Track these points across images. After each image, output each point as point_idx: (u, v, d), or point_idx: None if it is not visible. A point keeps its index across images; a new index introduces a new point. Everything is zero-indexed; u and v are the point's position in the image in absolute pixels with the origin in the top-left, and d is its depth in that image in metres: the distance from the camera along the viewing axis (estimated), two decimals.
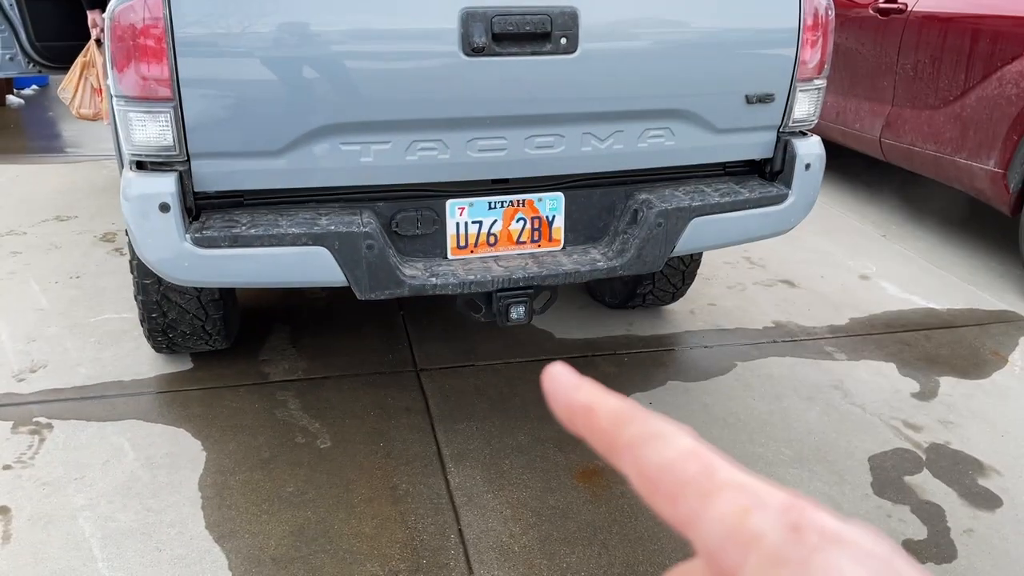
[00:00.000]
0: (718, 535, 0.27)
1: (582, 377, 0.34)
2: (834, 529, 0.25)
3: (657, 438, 0.30)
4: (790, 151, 2.46)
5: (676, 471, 0.28)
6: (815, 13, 2.34)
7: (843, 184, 5.61)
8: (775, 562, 0.25)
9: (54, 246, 4.24)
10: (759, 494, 0.27)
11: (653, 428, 0.30)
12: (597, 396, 0.33)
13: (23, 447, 2.63)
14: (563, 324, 3.54)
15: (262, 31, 1.96)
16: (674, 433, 0.30)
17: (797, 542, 0.25)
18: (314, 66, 2.01)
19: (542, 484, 2.54)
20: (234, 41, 1.95)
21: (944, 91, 4.32)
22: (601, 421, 0.32)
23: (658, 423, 0.30)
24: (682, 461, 0.28)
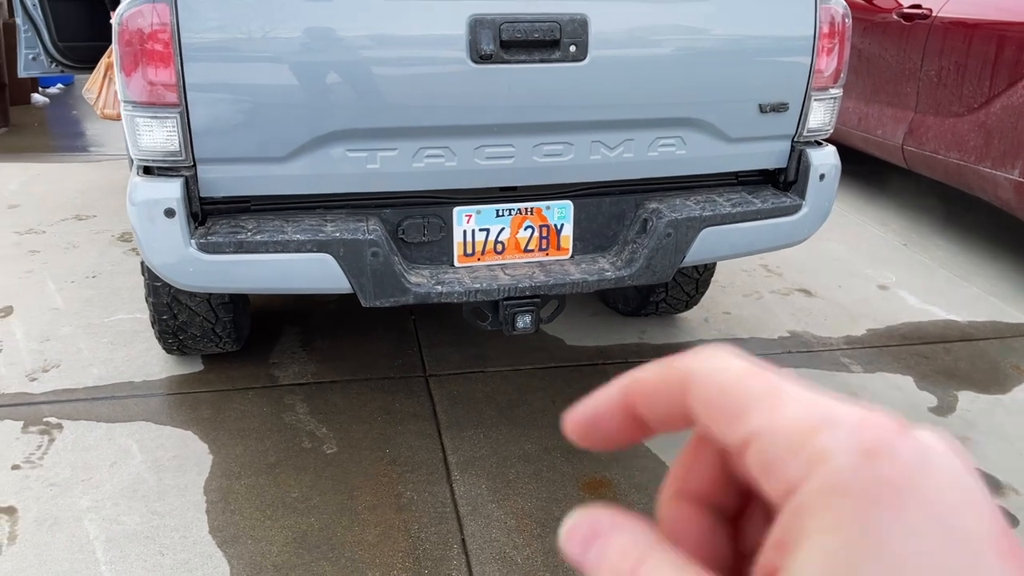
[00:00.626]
0: (781, 450, 0.24)
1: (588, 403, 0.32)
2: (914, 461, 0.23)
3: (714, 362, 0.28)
4: (804, 161, 2.42)
5: (740, 391, 0.27)
6: (831, 20, 2.30)
7: (864, 192, 5.54)
8: (838, 488, 0.23)
9: (72, 245, 4.27)
10: (831, 409, 0.25)
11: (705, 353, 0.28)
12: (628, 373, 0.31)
13: (32, 447, 2.65)
14: (575, 331, 3.51)
15: (269, 37, 1.95)
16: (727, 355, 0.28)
17: (866, 470, 0.23)
18: (320, 72, 2.00)
19: (547, 494, 2.52)
20: (241, 47, 1.95)
21: (968, 98, 4.24)
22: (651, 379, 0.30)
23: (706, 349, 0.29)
24: (746, 380, 0.27)
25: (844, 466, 0.23)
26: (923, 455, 0.23)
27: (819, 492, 0.23)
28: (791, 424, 0.25)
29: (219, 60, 1.95)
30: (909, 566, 0.22)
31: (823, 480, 0.23)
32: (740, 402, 0.26)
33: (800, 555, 0.23)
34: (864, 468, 0.23)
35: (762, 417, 0.26)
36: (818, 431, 0.24)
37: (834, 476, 0.23)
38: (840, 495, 0.23)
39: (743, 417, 0.26)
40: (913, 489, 0.22)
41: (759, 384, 0.27)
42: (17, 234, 4.41)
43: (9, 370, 3.09)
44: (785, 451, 0.24)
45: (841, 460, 0.23)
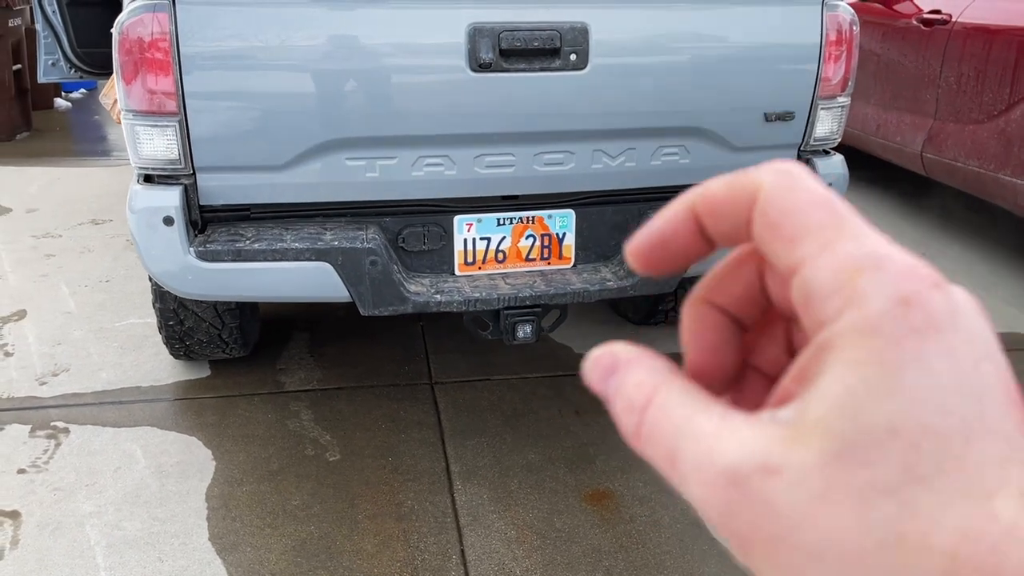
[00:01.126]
0: (823, 283, 0.25)
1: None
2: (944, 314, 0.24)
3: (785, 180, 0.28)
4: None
5: (803, 216, 0.27)
6: (838, 27, 2.26)
7: (882, 199, 5.46)
8: (868, 329, 0.24)
9: (87, 249, 4.31)
10: (881, 254, 0.25)
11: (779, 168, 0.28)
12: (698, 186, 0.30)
13: (39, 451, 2.67)
14: (583, 339, 3.49)
15: (267, 47, 1.95)
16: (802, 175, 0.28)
17: (899, 317, 0.24)
18: (319, 81, 2.00)
19: (549, 506, 2.50)
20: (239, 56, 1.95)
21: (988, 105, 4.17)
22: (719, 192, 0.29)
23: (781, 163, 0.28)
24: (811, 207, 0.27)
25: (878, 310, 0.24)
26: (953, 310, 0.24)
27: (849, 330, 0.24)
28: (839, 261, 0.25)
29: (218, 69, 1.96)
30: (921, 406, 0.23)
31: (855, 320, 0.24)
32: (799, 228, 0.27)
33: (819, 385, 0.24)
34: (896, 314, 0.24)
35: (815, 248, 0.26)
36: (862, 272, 0.25)
37: (866, 318, 0.24)
38: (868, 336, 0.24)
39: (797, 243, 0.26)
40: (938, 339, 0.23)
41: (821, 214, 0.27)
42: (34, 238, 4.46)
43: (20, 374, 3.12)
44: (827, 286, 0.25)
45: (876, 304, 0.24)
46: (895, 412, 0.23)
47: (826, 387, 0.24)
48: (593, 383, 0.31)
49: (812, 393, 0.25)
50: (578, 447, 2.76)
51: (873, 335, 0.24)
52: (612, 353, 0.30)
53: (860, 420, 0.23)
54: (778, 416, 0.26)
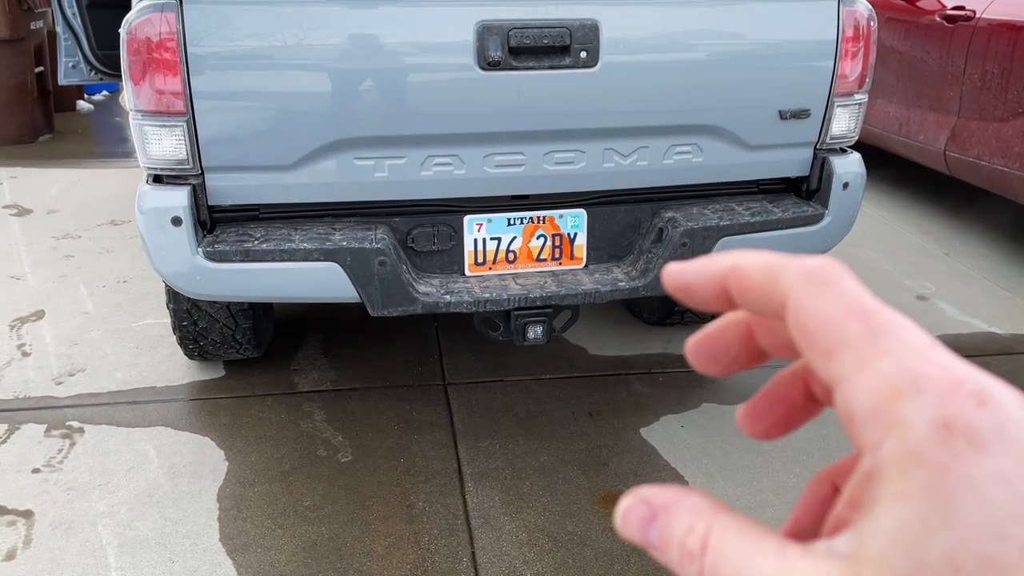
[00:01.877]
0: (863, 407, 0.25)
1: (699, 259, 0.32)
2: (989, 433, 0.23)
3: (818, 285, 0.27)
4: (827, 169, 2.34)
5: (836, 328, 0.26)
6: (855, 24, 2.22)
7: (905, 198, 5.38)
8: (913, 459, 0.23)
9: (106, 250, 4.34)
10: (919, 373, 0.24)
11: (812, 271, 0.28)
12: (738, 256, 0.30)
13: (53, 451, 2.68)
14: (598, 340, 3.46)
15: (274, 46, 1.94)
16: (836, 279, 0.27)
17: (943, 443, 0.23)
18: (327, 80, 1.99)
19: (561, 508, 2.47)
20: (247, 56, 1.94)
21: (1013, 103, 4.09)
22: (753, 275, 0.29)
23: (815, 263, 0.28)
24: (844, 318, 0.26)
25: (920, 436, 0.23)
26: (999, 427, 0.23)
27: (895, 459, 0.24)
28: (877, 383, 0.25)
29: (226, 68, 1.95)
30: (978, 535, 0.22)
31: (899, 448, 0.24)
32: (833, 342, 0.26)
33: (873, 518, 0.24)
34: (940, 439, 0.23)
35: (852, 366, 0.25)
36: (901, 395, 0.24)
37: (910, 446, 0.23)
38: (914, 465, 0.23)
39: (834, 359, 0.26)
40: (986, 462, 0.23)
41: (855, 326, 0.26)
42: (54, 238, 4.50)
43: (37, 374, 3.14)
44: (867, 410, 0.25)
45: (918, 430, 0.23)
46: (952, 545, 0.22)
47: (880, 521, 0.24)
48: (631, 535, 0.30)
49: (867, 526, 0.24)
50: (591, 449, 2.73)
51: (919, 464, 0.23)
52: (644, 500, 0.29)
53: (918, 555, 0.23)
54: (835, 549, 0.25)
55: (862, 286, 0.28)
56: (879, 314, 0.26)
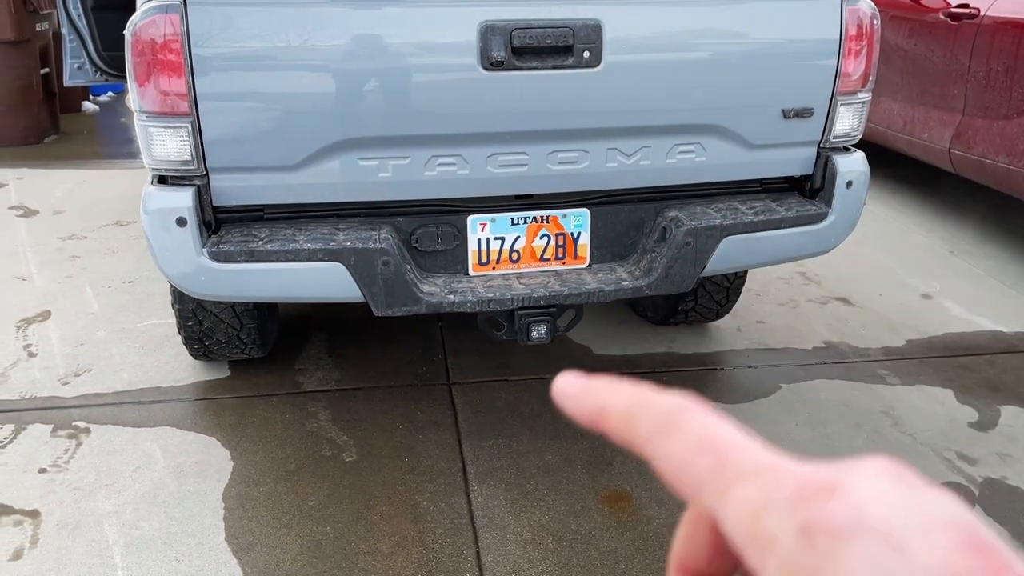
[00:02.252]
0: (738, 535, 0.26)
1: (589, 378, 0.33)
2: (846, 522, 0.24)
3: (667, 430, 0.28)
4: (831, 168, 2.34)
5: (690, 469, 0.27)
6: (859, 22, 2.22)
7: (909, 196, 5.37)
8: (791, 570, 0.24)
9: (111, 251, 4.36)
10: (771, 485, 0.25)
11: (662, 418, 0.29)
12: (605, 395, 0.31)
13: (60, 451, 2.69)
14: (602, 339, 3.46)
15: (279, 46, 1.95)
16: (683, 420, 0.28)
17: (809, 548, 0.24)
18: (330, 80, 1.99)
19: (566, 507, 2.47)
20: (251, 56, 1.95)
21: (1018, 100, 4.08)
22: (614, 422, 0.31)
23: (664, 410, 0.29)
24: (694, 457, 0.27)
25: (790, 549, 0.24)
26: (855, 512, 0.24)
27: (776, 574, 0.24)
28: (739, 510, 0.26)
29: (230, 70, 1.96)
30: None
31: (778, 565, 0.24)
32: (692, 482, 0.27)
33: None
34: (806, 546, 0.24)
35: (714, 499, 0.27)
36: (762, 515, 0.25)
37: (785, 559, 0.24)
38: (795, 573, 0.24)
39: (700, 495, 0.27)
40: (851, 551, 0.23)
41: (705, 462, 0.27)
42: (60, 239, 4.51)
43: (43, 374, 3.16)
44: (740, 538, 0.26)
45: (787, 543, 0.24)
46: None
47: None
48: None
49: None
50: (595, 448, 2.73)
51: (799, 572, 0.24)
52: None
53: None
54: None
55: (705, 413, 0.28)
56: (721, 440, 0.27)
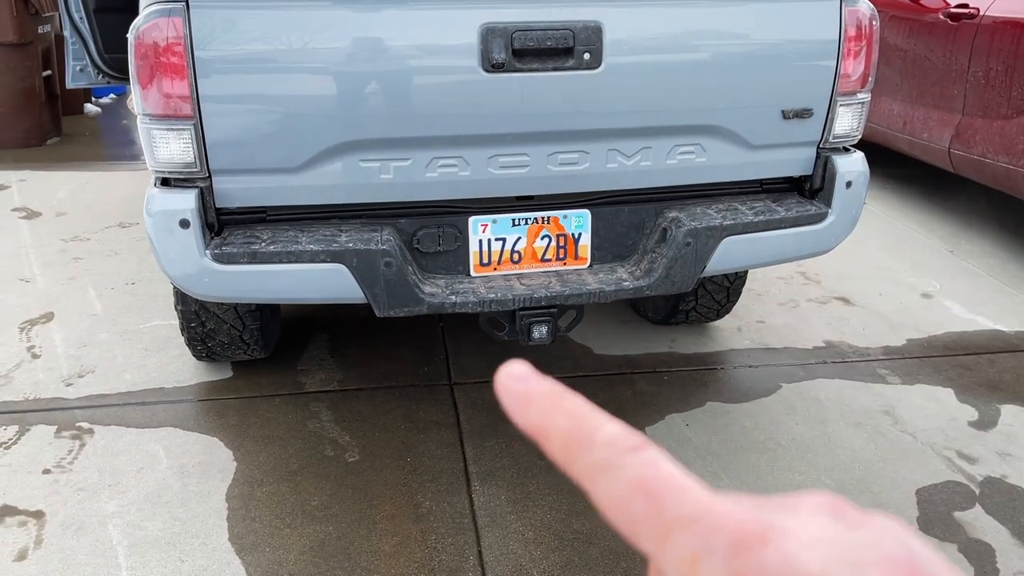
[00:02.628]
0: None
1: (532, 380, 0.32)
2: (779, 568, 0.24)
3: (605, 467, 0.28)
4: (830, 168, 2.35)
5: (626, 511, 0.27)
6: (858, 23, 2.23)
7: (909, 196, 5.38)
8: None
9: (114, 252, 4.37)
10: (707, 531, 0.25)
11: (600, 454, 0.28)
12: (547, 412, 0.30)
13: (64, 452, 2.71)
14: (603, 339, 3.47)
15: (281, 49, 1.96)
16: (621, 459, 0.28)
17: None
18: (332, 83, 2.00)
19: (568, 507, 2.48)
20: (253, 59, 1.96)
21: (1018, 100, 4.09)
22: (554, 448, 0.30)
23: (603, 444, 0.28)
24: (630, 499, 0.27)
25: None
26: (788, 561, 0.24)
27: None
28: (677, 555, 0.25)
29: (232, 72, 1.97)
30: None
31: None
32: (629, 524, 0.27)
33: None
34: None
35: (653, 546, 0.26)
36: (699, 561, 0.25)
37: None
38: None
39: (640, 541, 0.27)
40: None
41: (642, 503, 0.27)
42: (63, 241, 4.53)
43: (47, 375, 3.17)
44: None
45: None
46: None
47: None
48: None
49: None
50: None
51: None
52: None
53: None
54: None
55: (644, 450, 0.28)
56: (658, 482, 0.27)
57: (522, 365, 0.32)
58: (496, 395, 0.32)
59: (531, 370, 0.32)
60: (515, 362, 0.33)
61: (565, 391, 0.31)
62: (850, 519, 0.26)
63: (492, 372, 1.41)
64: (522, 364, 0.32)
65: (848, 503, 0.27)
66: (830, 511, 0.26)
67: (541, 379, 0.32)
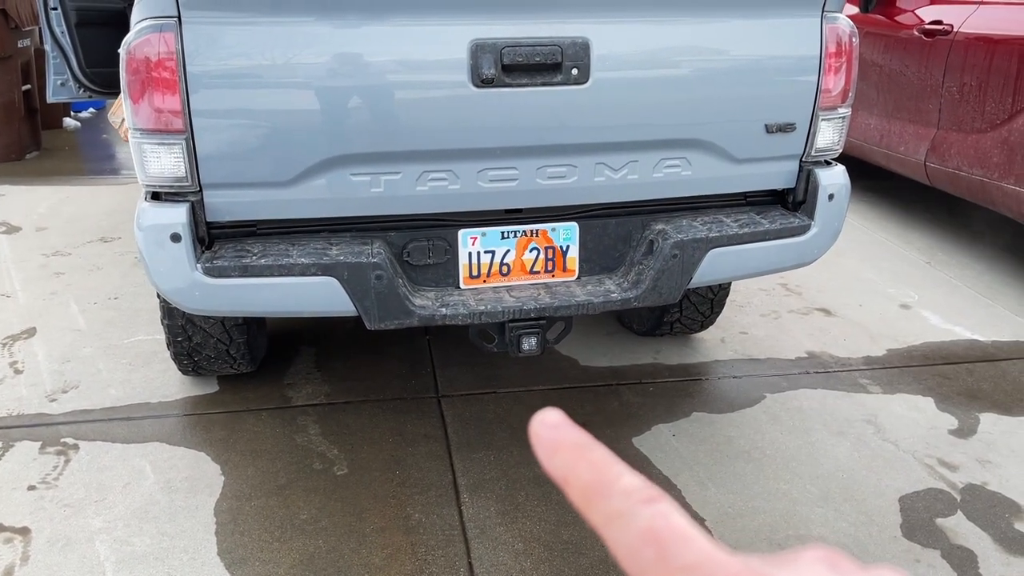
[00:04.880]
0: None
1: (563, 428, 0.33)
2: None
3: (619, 518, 0.29)
4: (813, 181, 2.40)
5: (637, 558, 0.28)
6: (838, 40, 2.28)
7: (887, 208, 5.47)
8: None
9: (96, 267, 4.35)
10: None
11: (616, 506, 0.30)
12: (572, 462, 0.32)
13: (49, 468, 2.69)
14: (589, 351, 3.50)
15: (272, 64, 1.98)
16: (635, 510, 0.29)
17: None
18: (325, 97, 2.02)
19: (557, 518, 2.50)
20: (245, 74, 1.98)
21: (991, 114, 4.18)
22: (574, 495, 0.32)
23: (620, 497, 0.30)
24: (641, 547, 0.28)
25: None
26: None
27: None
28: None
29: (224, 87, 1.98)
30: None
31: None
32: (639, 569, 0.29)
33: None
34: None
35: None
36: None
37: None
38: None
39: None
40: None
41: (650, 552, 0.28)
42: (44, 256, 4.50)
43: (30, 391, 3.15)
44: None
45: None
46: None
47: None
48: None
49: None
50: None
51: None
52: None
53: None
54: None
55: (656, 502, 0.30)
56: (667, 532, 0.28)
57: (556, 413, 0.34)
58: (531, 439, 0.34)
59: (563, 419, 0.34)
60: (550, 410, 0.34)
61: (592, 443, 0.33)
62: (846, 572, 0.27)
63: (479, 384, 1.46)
64: (556, 412, 0.34)
65: (846, 556, 0.28)
66: (827, 564, 0.27)
67: (571, 428, 0.33)
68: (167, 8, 1.90)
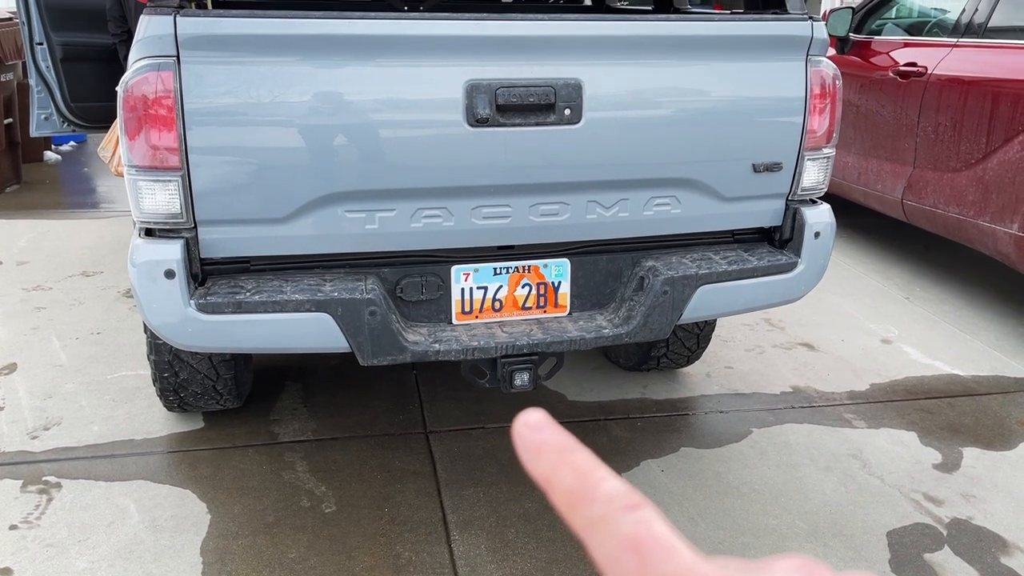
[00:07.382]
0: None
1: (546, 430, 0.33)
2: None
3: (601, 525, 0.29)
4: (799, 219, 2.44)
5: (617, 566, 0.28)
6: (822, 82, 2.34)
7: (866, 245, 5.56)
8: None
9: (78, 302, 4.31)
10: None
11: (598, 512, 0.30)
12: (555, 464, 0.32)
13: (31, 507, 2.64)
14: (576, 386, 3.51)
15: (269, 103, 2.00)
16: (617, 517, 0.29)
17: None
18: (320, 136, 2.04)
19: (547, 555, 2.49)
20: (242, 113, 1.99)
21: (966, 154, 4.28)
22: (557, 498, 0.32)
23: (603, 501, 0.30)
24: (622, 555, 0.28)
25: None
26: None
27: None
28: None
29: (221, 125, 2.00)
30: None
31: None
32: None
33: None
34: None
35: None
36: None
37: None
38: None
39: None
40: None
41: (631, 560, 0.28)
42: (24, 290, 4.45)
43: (11, 428, 3.10)
44: None
45: None
46: None
47: None
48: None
49: None
50: None
51: None
52: None
53: None
54: None
55: (638, 509, 0.30)
56: (647, 541, 0.28)
57: (538, 414, 0.34)
58: (513, 440, 0.34)
59: (547, 419, 0.34)
60: (532, 410, 0.34)
61: (575, 445, 0.33)
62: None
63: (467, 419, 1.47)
64: (539, 413, 0.34)
65: (821, 564, 0.29)
66: (804, 572, 0.28)
67: (554, 430, 0.33)
68: (166, 48, 1.92)
